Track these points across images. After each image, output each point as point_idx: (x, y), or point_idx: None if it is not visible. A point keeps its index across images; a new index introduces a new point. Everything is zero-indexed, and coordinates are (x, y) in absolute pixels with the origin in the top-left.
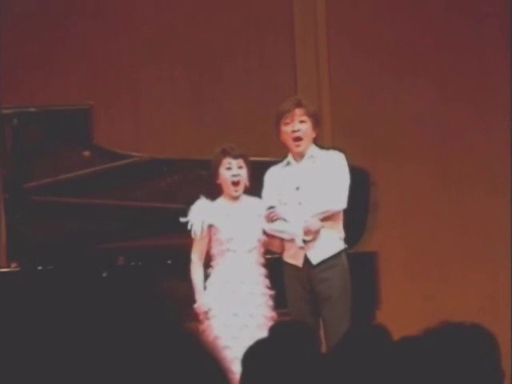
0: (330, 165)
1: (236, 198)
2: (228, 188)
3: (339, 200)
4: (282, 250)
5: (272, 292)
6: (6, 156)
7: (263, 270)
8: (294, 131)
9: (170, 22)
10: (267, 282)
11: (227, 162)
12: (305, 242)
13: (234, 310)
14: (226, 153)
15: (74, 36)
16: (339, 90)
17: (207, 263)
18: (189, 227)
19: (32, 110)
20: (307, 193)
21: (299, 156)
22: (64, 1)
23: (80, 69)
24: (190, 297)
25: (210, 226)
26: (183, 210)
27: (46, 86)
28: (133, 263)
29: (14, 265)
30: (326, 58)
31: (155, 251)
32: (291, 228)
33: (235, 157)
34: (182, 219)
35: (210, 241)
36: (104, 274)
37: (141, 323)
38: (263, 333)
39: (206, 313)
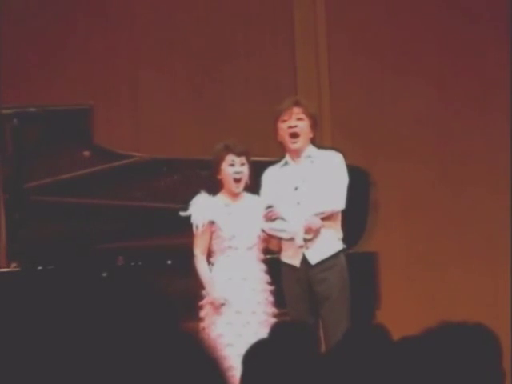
0: (328, 165)
1: (236, 195)
2: (229, 184)
3: (337, 200)
4: (280, 248)
5: (272, 288)
6: (6, 156)
7: (263, 266)
8: (290, 127)
9: (171, 23)
10: (267, 277)
11: (230, 158)
12: (304, 240)
13: (237, 308)
14: (229, 149)
15: (74, 36)
16: (339, 90)
17: (207, 259)
18: (191, 221)
19: (32, 110)
20: (306, 193)
21: (296, 155)
22: (64, 1)
23: (80, 69)
24: (189, 296)
25: (211, 222)
26: (183, 210)
27: (46, 86)
28: (133, 263)
29: (13, 265)
30: (325, 58)
31: (155, 251)
32: (291, 227)
33: (238, 154)
34: (183, 213)
35: (211, 236)
36: (104, 274)
37: (140, 323)
38: (265, 329)
39: (222, 305)
